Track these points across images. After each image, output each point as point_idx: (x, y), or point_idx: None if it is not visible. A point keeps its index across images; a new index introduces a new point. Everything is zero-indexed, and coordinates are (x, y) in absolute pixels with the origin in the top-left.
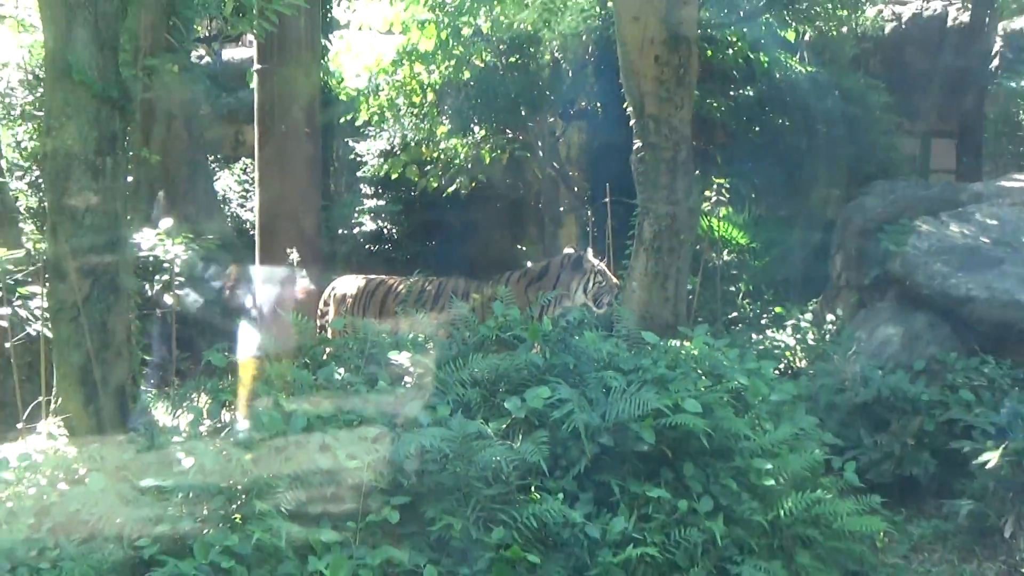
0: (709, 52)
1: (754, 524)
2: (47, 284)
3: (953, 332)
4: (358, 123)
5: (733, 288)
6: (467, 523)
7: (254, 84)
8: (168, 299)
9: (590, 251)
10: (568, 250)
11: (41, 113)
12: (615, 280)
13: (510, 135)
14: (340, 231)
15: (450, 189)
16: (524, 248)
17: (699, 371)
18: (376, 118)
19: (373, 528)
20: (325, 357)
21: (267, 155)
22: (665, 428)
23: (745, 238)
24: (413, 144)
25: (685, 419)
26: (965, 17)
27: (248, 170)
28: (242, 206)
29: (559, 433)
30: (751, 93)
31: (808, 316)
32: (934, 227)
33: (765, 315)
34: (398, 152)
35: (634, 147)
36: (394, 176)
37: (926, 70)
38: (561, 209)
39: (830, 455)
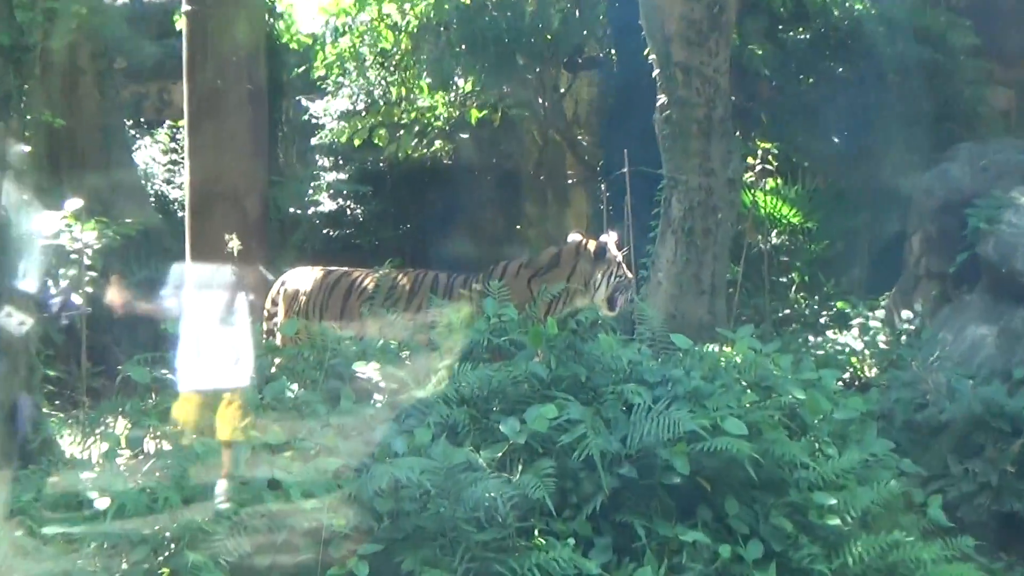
0: None
1: (815, 574)
2: None
3: None
4: (313, 77)
5: (784, 279)
6: None
7: (183, 30)
8: (77, 298)
9: (613, 236)
10: (574, 235)
11: None
12: (630, 275)
13: (503, 90)
14: (291, 212)
15: (429, 158)
16: (522, 232)
17: (743, 383)
18: (335, 71)
19: None
20: (274, 370)
21: (200, 119)
22: (702, 455)
23: (798, 216)
24: (382, 103)
25: (726, 443)
26: None
27: (177, 137)
28: (169, 182)
29: (568, 462)
30: (804, 36)
31: (879, 313)
32: None
33: (825, 312)
34: (363, 113)
35: (658, 104)
36: (358, 143)
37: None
38: (568, 182)
39: (909, 487)
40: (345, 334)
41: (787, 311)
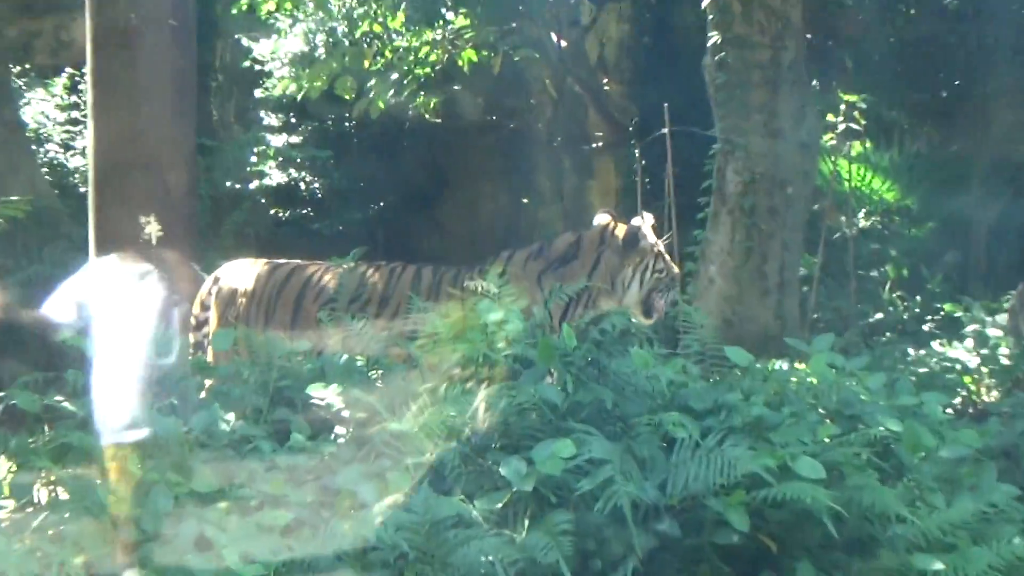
0: None
1: None
2: None
3: None
4: (259, 12)
5: (875, 273)
6: None
7: None
8: None
9: (647, 218)
10: (602, 216)
11: None
12: (674, 267)
13: (506, 26)
14: (229, 186)
15: (409, 117)
16: (531, 212)
17: (820, 411)
18: (287, 3)
19: None
20: (203, 395)
21: (107, 64)
22: (765, 506)
23: (894, 192)
24: (347, 43)
25: (798, 490)
26: None
27: (78, 89)
28: (67, 148)
29: (590, 516)
30: None
31: (1000, 319)
32: None
33: (928, 318)
34: (323, 56)
35: (709, 44)
36: (315, 95)
37: None
38: (592, 147)
39: None
40: (298, 347)
41: (879, 315)
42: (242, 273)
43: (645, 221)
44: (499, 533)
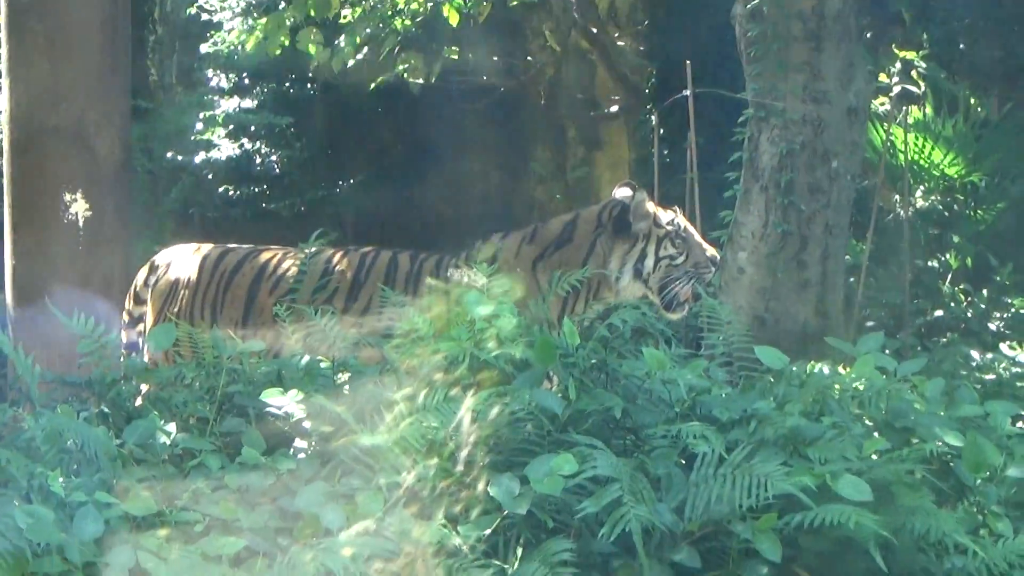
0: None
1: None
2: None
3: None
4: None
5: (935, 263)
6: None
7: None
8: None
9: (644, 194)
10: (621, 190)
11: None
12: (707, 248)
13: None
14: (169, 158)
15: (384, 76)
16: (529, 189)
17: (867, 422)
18: None
19: None
20: (139, 403)
21: (23, 13)
22: (800, 532)
23: (958, 166)
24: None
25: (840, 514)
26: None
27: None
28: None
29: (593, 545)
30: None
31: None
32: None
33: (997, 315)
34: (281, 5)
35: None
36: (273, 51)
37: None
38: (603, 112)
39: None
40: (250, 347)
41: (938, 312)
42: (184, 260)
43: (640, 195)
44: (487, 564)
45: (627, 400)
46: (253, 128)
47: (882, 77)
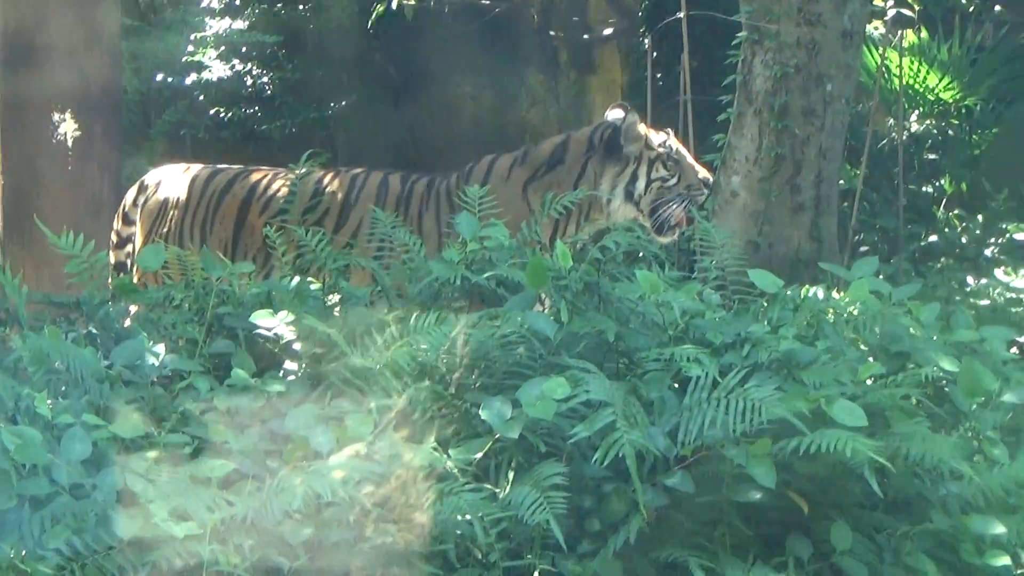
0: None
1: None
2: None
3: None
4: None
5: (930, 188)
6: None
7: None
8: None
9: (635, 115)
10: (614, 111)
11: None
12: (699, 171)
13: None
14: (159, 79)
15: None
16: (522, 112)
17: (862, 347)
18: None
19: None
20: (127, 323)
21: None
22: (794, 458)
23: (953, 90)
24: None
25: (834, 439)
26: None
27: None
28: None
29: (586, 469)
30: None
31: None
32: None
33: (992, 240)
34: None
35: None
36: None
37: None
38: (594, 36)
39: None
40: (240, 268)
41: (933, 237)
42: (173, 181)
43: (630, 116)
44: (478, 487)
45: (620, 323)
46: (244, 49)
47: (876, 0)
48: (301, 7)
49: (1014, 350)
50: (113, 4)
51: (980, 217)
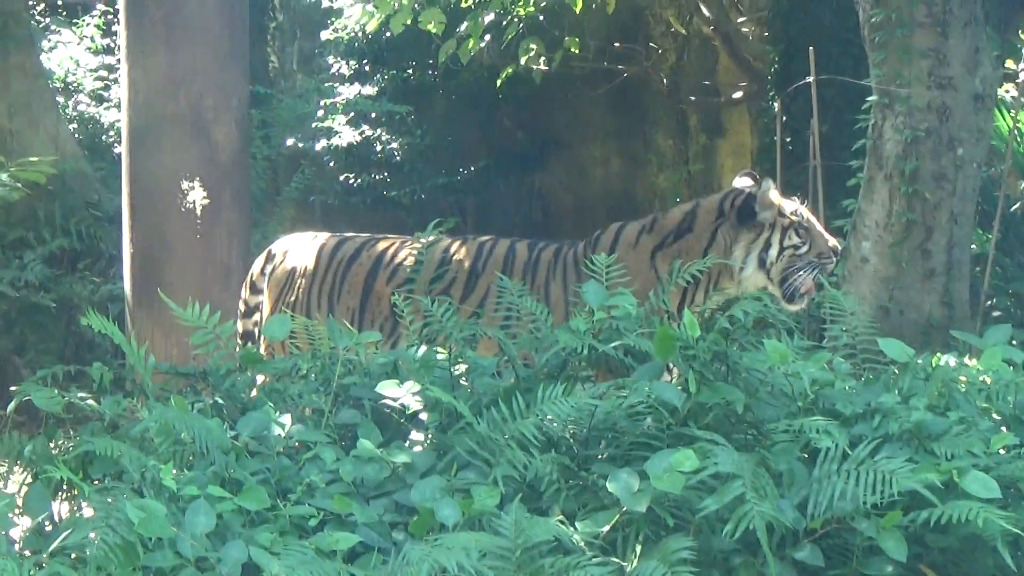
0: None
1: None
2: None
3: None
4: None
5: None
6: None
7: None
8: None
9: (770, 182)
10: (742, 179)
11: None
12: (829, 239)
13: None
14: (289, 145)
15: (509, 68)
16: (650, 178)
17: (995, 416)
18: None
19: None
20: (253, 394)
21: (143, 1)
22: (926, 530)
23: None
24: None
25: (966, 510)
26: None
27: (113, 30)
28: (101, 100)
29: (714, 542)
30: None
31: None
32: None
33: None
34: None
35: None
36: (397, 29)
37: None
38: (724, 100)
39: None
40: (366, 337)
41: None
42: (301, 249)
43: (766, 185)
44: (605, 561)
45: (748, 393)
46: (373, 115)
47: (1009, 63)
48: (431, 73)
49: None
50: (242, 72)
51: None
